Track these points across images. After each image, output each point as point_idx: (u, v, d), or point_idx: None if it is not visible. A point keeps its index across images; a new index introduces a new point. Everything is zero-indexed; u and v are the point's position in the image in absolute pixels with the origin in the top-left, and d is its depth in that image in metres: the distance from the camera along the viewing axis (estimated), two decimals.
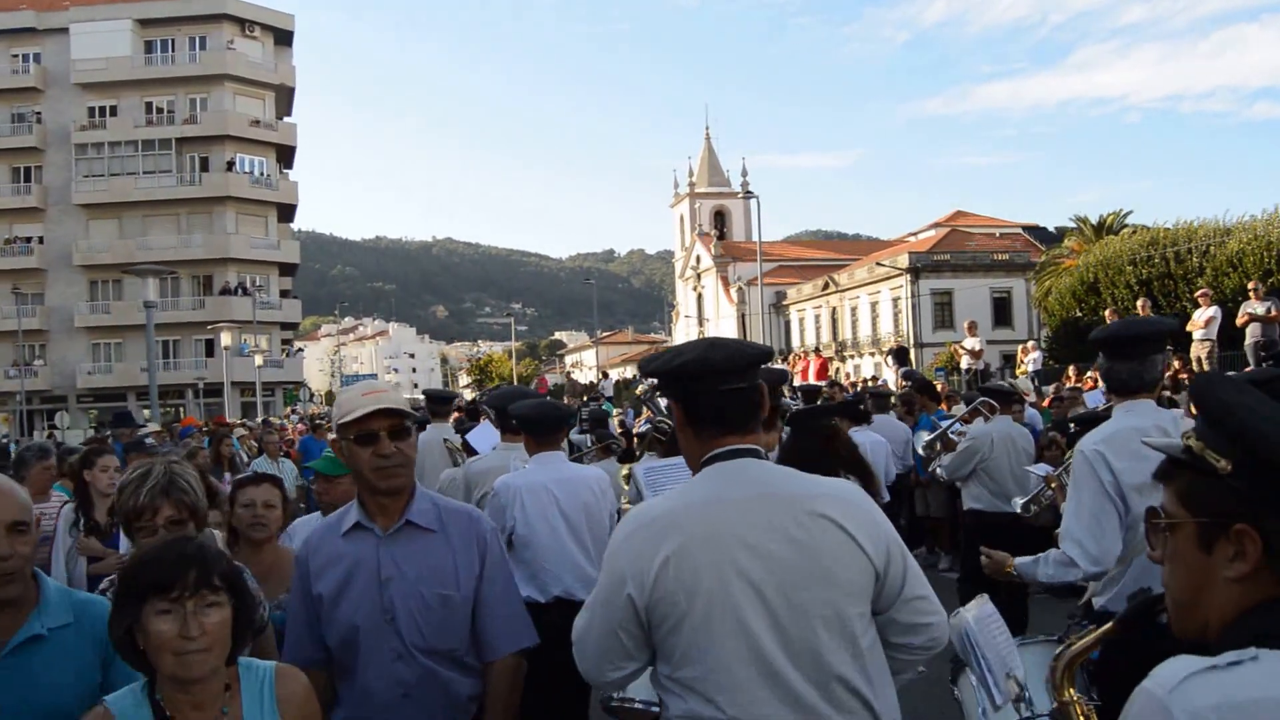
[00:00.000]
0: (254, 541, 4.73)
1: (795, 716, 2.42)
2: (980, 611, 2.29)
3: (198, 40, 59.46)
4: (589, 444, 10.13)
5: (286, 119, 63.88)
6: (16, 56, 59.54)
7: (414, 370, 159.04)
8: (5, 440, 22.90)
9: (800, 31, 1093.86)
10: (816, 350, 46.53)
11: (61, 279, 58.44)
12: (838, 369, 50.50)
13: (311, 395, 79.04)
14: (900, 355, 29.01)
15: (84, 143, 58.20)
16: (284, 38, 62.77)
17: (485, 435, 7.82)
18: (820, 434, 4.84)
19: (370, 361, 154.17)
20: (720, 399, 2.67)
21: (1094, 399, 12.51)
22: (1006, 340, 48.19)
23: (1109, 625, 2.19)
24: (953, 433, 9.37)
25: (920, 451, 9.47)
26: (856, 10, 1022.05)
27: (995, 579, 4.72)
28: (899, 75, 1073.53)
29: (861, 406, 10.83)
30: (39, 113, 59.29)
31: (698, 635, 2.52)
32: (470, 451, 7.94)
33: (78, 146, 58.14)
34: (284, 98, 63.17)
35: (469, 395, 38.32)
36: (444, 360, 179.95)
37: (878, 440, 9.98)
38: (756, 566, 2.49)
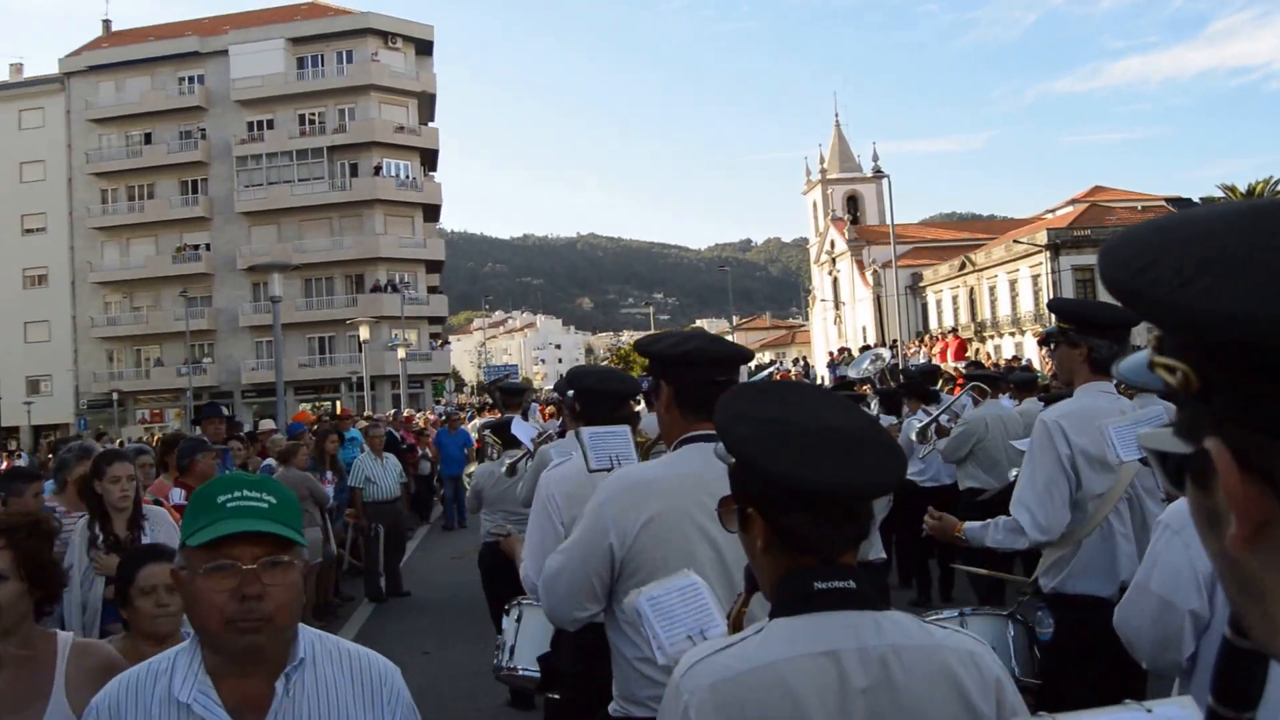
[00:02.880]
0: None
1: None
2: (671, 584, 2.33)
3: (344, 54, 62.20)
4: None
5: (430, 124, 66.06)
6: (183, 79, 63.70)
7: (560, 360, 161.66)
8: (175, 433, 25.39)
9: (927, 19, 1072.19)
10: (954, 331, 46.21)
11: (227, 282, 61.81)
12: (977, 349, 50.25)
13: (460, 386, 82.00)
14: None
15: (244, 155, 61.77)
16: (424, 47, 65.02)
17: (523, 429, 7.66)
18: None
19: (518, 353, 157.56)
20: (709, 388, 2.90)
21: None
22: None
23: None
24: (945, 419, 9.74)
25: (913, 438, 9.65)
26: None
27: (943, 542, 4.97)
28: (1028, 55, 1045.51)
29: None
30: (203, 129, 63.19)
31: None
32: (510, 444, 7.93)
33: (239, 159, 61.75)
34: (426, 104, 65.41)
35: None
36: (589, 350, 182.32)
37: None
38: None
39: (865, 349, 27.06)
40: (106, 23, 72.05)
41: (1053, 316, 4.69)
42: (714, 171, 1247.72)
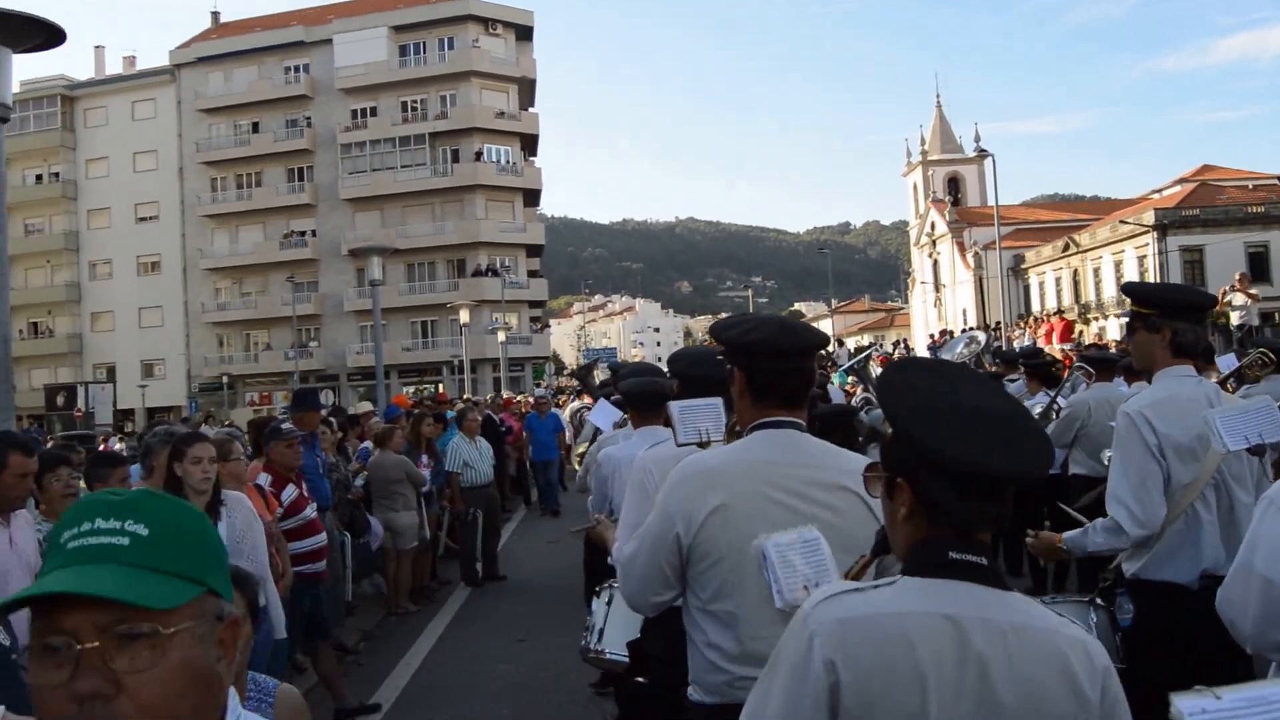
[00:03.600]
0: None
1: None
2: (800, 535, 2.46)
3: (446, 41, 62.74)
4: None
5: (530, 109, 66.31)
6: (289, 68, 65.00)
7: (658, 344, 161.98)
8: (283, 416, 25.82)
9: None
10: (1059, 313, 45.37)
11: (332, 268, 62.96)
12: (1081, 331, 49.29)
13: (560, 370, 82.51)
14: None
15: (348, 142, 62.67)
16: (524, 33, 65.16)
17: (605, 412, 7.80)
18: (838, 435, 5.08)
19: (617, 336, 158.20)
20: (781, 376, 2.99)
21: None
22: (1266, 297, 45.47)
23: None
24: (1063, 401, 9.49)
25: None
26: None
27: (1045, 559, 4.96)
28: (1134, 33, 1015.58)
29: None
30: (309, 117, 64.36)
31: (731, 576, 2.89)
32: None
33: (343, 146, 62.70)
34: (526, 89, 65.72)
35: None
36: (687, 333, 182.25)
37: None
38: (787, 522, 2.70)
39: (966, 331, 26.61)
40: (215, 14, 73.46)
41: (1127, 301, 4.47)
42: (813, 154, 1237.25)
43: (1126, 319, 4.67)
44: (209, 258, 65.39)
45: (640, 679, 4.35)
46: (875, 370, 12.86)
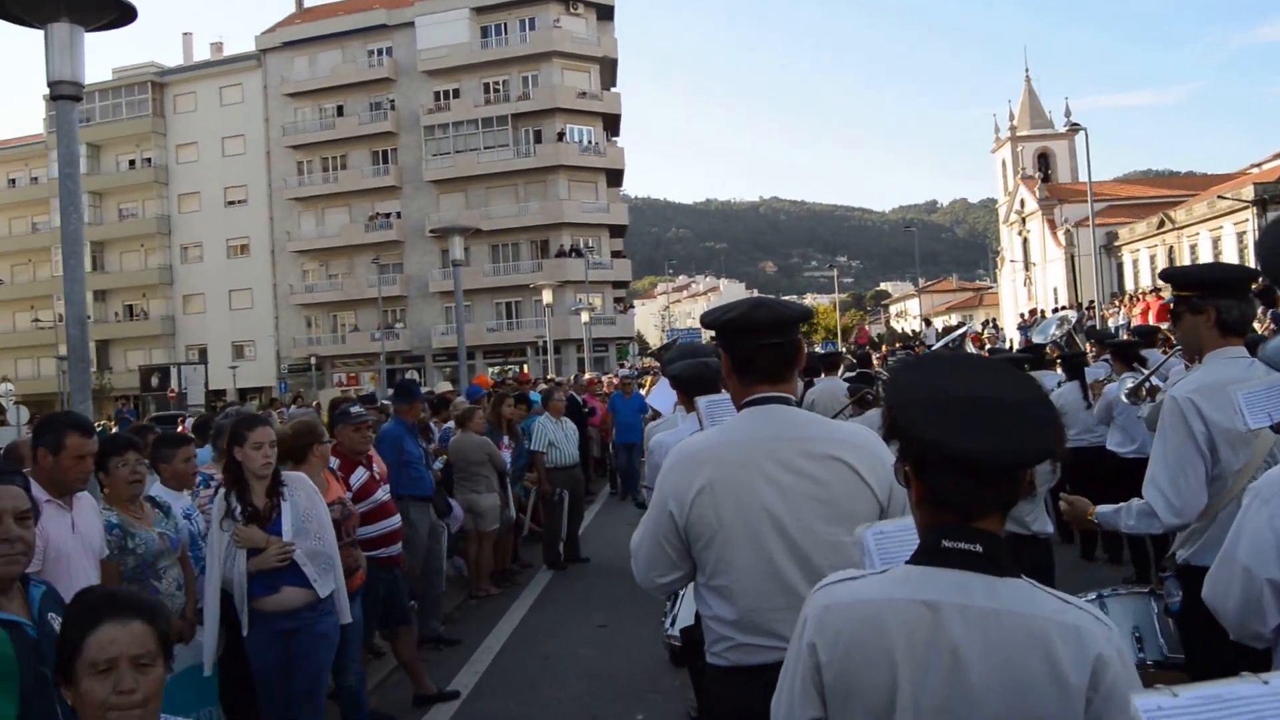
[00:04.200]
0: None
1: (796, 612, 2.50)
2: (897, 525, 2.53)
3: (527, 22, 62.53)
4: (844, 396, 9.60)
5: (611, 89, 65.99)
6: (372, 52, 65.34)
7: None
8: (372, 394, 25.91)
9: None
10: (1156, 291, 44.19)
11: (417, 249, 63.42)
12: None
13: (644, 350, 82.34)
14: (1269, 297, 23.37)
15: (431, 124, 62.86)
16: (605, 12, 64.81)
17: (665, 395, 7.29)
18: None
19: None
20: (759, 352, 3.08)
21: None
22: None
23: None
24: (1157, 380, 8.73)
25: (1125, 399, 9.00)
26: None
27: (1078, 528, 4.89)
28: (1230, 3, 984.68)
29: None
30: (392, 100, 64.64)
31: (724, 551, 3.01)
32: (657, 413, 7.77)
33: (426, 128, 62.91)
34: (608, 69, 65.34)
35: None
36: None
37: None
38: (774, 497, 2.95)
39: (1057, 310, 25.86)
40: None
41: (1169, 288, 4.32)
42: (899, 132, 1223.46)
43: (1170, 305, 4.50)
44: (296, 240, 66.22)
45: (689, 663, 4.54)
46: (970, 349, 12.49)
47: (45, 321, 64.29)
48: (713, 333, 3.37)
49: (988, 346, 26.82)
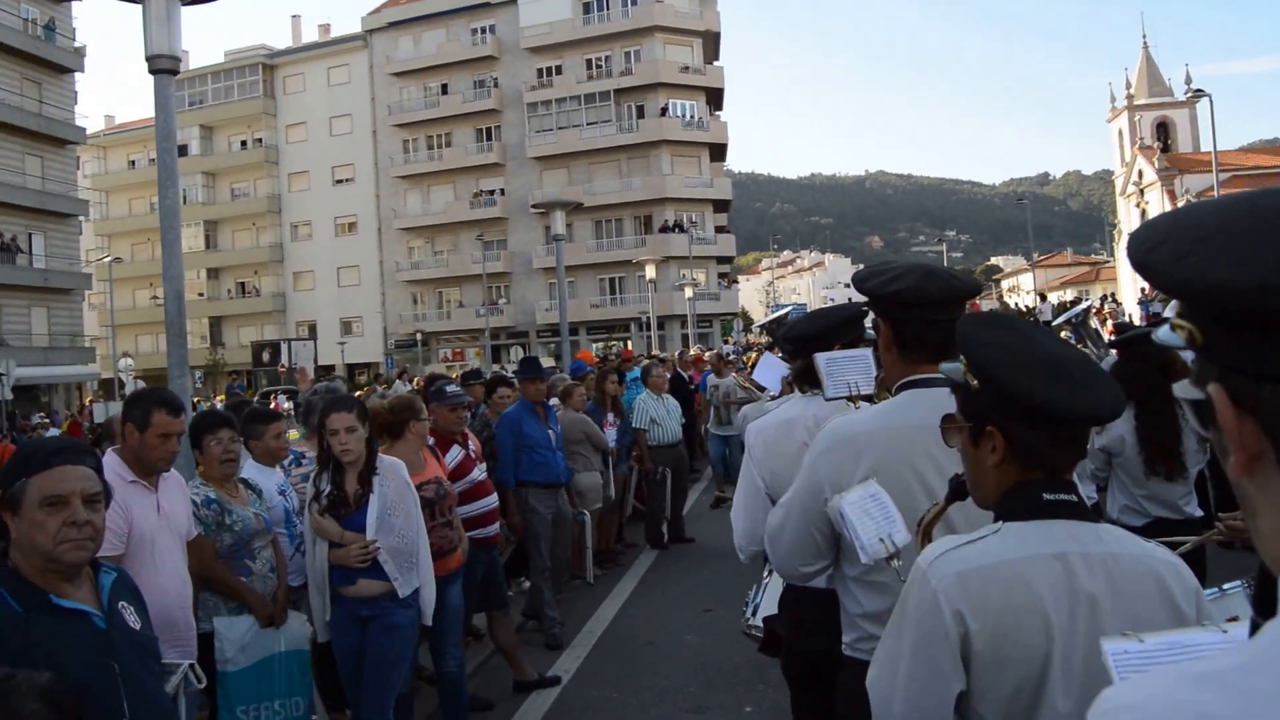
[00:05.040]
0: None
1: None
2: (865, 491, 2.56)
3: None
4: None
5: (714, 63, 65.37)
6: (475, 30, 65.60)
7: (849, 300, 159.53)
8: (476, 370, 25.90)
9: None
10: None
11: (521, 225, 63.87)
12: None
13: (748, 325, 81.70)
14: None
15: (534, 101, 63.10)
16: None
17: (772, 368, 6.90)
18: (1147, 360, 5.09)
19: (807, 292, 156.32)
20: (928, 328, 2.80)
21: None
22: None
23: None
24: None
25: None
26: None
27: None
28: None
29: None
30: (495, 78, 64.94)
31: None
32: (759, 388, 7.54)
33: (529, 105, 63.17)
34: (710, 43, 64.74)
35: None
36: None
37: None
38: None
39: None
40: None
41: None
42: (1008, 102, 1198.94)
43: None
44: (402, 218, 66.95)
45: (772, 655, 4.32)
46: (1095, 324, 11.95)
47: (161, 299, 65.87)
48: (864, 299, 3.09)
49: (1109, 322, 25.83)
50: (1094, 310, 16.78)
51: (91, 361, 52.45)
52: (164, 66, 6.19)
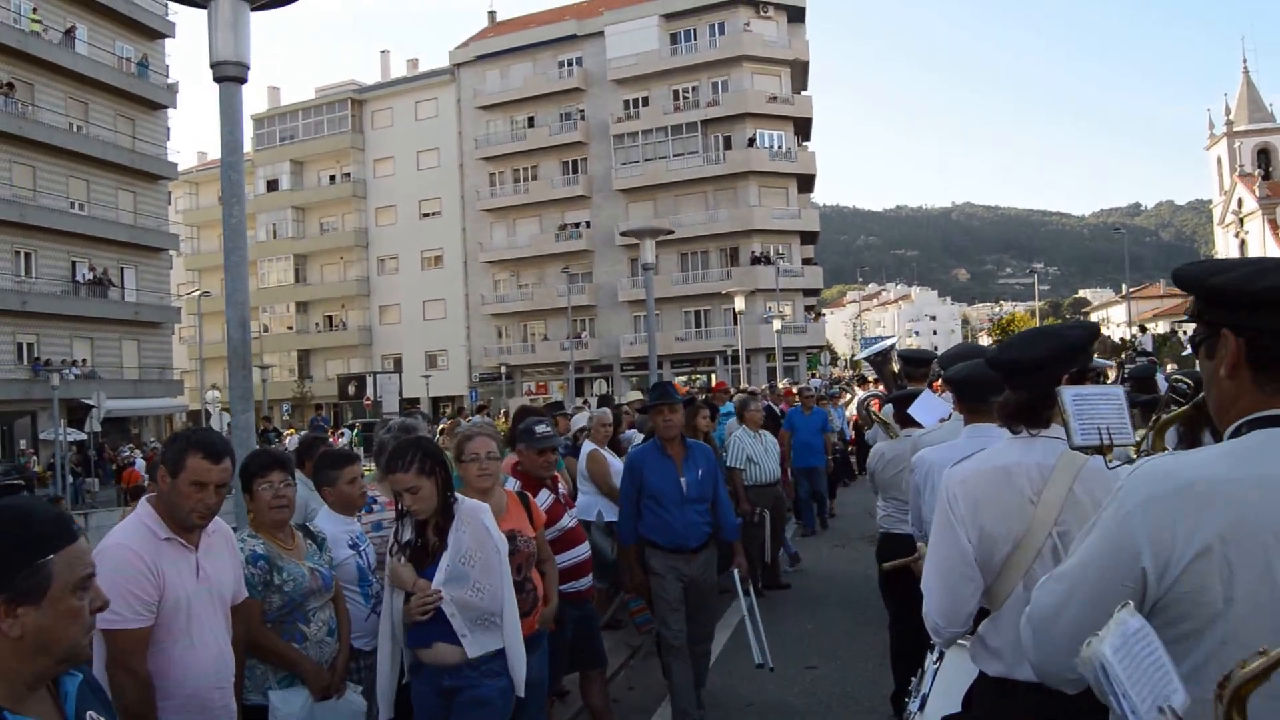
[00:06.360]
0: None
1: None
2: (1124, 629, 1.77)
3: (716, 27, 61.86)
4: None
5: (802, 93, 64.72)
6: (562, 63, 65.75)
7: (934, 333, 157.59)
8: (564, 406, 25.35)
9: None
10: None
11: (607, 258, 63.67)
12: None
13: (834, 359, 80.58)
14: None
15: (621, 133, 62.96)
16: (796, 14, 63.58)
17: (930, 405, 6.38)
18: None
19: (892, 325, 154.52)
20: None
21: None
22: None
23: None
24: None
25: None
26: None
27: None
28: None
29: None
30: (582, 110, 64.97)
31: (1223, 649, 1.88)
32: (907, 423, 6.79)
33: (615, 137, 63.02)
34: (799, 72, 64.15)
35: None
36: (965, 321, 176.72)
37: None
38: None
39: None
40: (492, 14, 75.52)
41: None
42: (1097, 135, 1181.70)
43: None
44: (488, 251, 67.04)
45: None
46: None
47: (251, 332, 66.68)
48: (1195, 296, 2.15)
49: None
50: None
51: (180, 394, 53.08)
52: (230, 74, 5.72)
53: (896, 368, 10.75)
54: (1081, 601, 2.05)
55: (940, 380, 7.09)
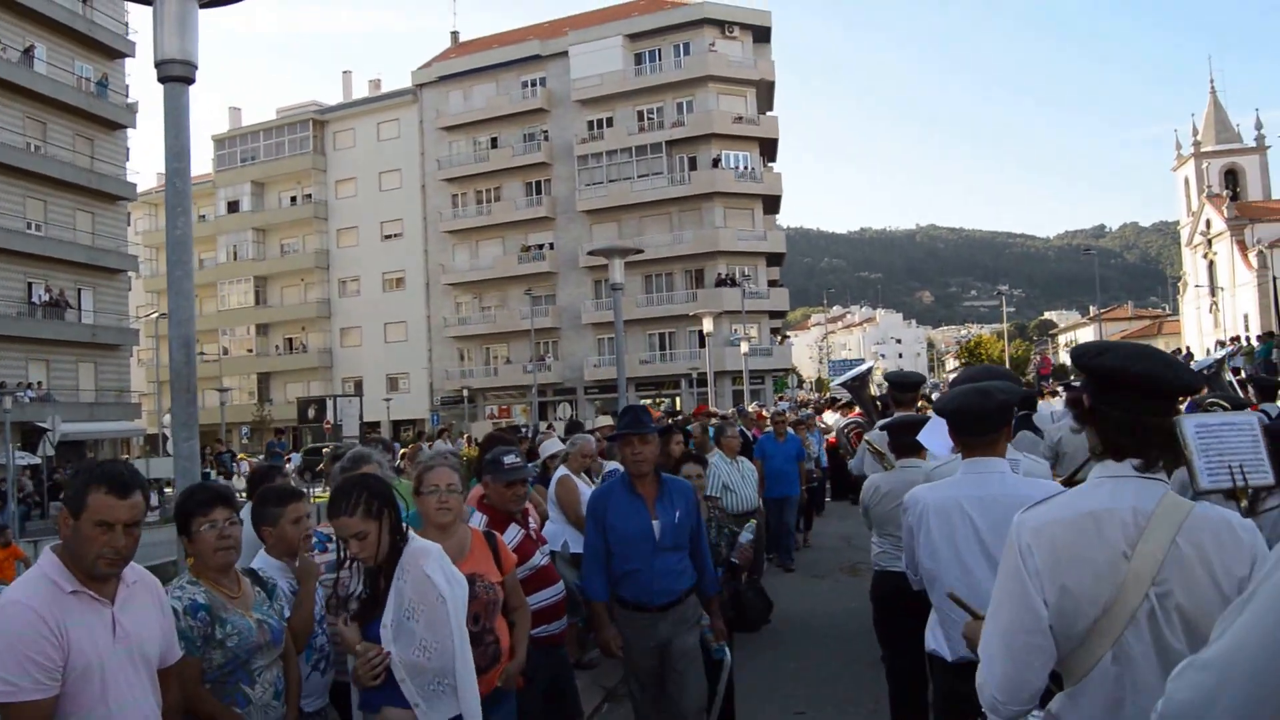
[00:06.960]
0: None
1: None
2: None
3: (681, 47, 61.61)
4: None
5: (768, 113, 64.55)
6: (526, 83, 65.37)
7: (900, 355, 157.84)
8: (525, 429, 24.78)
9: None
10: None
11: (570, 280, 63.25)
12: None
13: (801, 382, 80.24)
14: None
15: (585, 154, 62.49)
16: (762, 34, 63.39)
17: (942, 431, 5.23)
18: None
19: (858, 348, 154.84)
20: None
21: None
22: None
23: None
24: None
25: None
26: None
27: None
28: None
29: None
30: (546, 131, 64.58)
31: None
32: (906, 451, 6.34)
33: (579, 158, 62.57)
34: (764, 93, 63.98)
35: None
36: (930, 344, 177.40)
37: None
38: None
39: (1257, 338, 23.77)
40: (454, 34, 75.16)
41: None
42: (1062, 154, 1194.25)
43: None
44: (450, 273, 66.44)
45: None
46: (1228, 376, 10.78)
47: (209, 354, 65.78)
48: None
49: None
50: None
51: (138, 418, 52.04)
52: (177, 73, 5.29)
53: (875, 391, 10.34)
54: (1237, 697, 1.60)
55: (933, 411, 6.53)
